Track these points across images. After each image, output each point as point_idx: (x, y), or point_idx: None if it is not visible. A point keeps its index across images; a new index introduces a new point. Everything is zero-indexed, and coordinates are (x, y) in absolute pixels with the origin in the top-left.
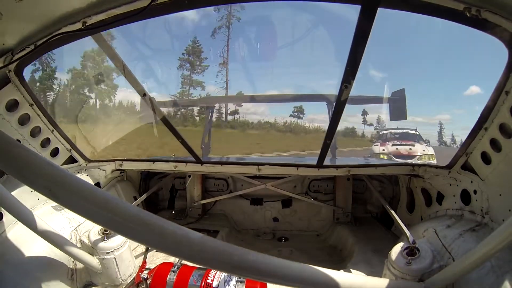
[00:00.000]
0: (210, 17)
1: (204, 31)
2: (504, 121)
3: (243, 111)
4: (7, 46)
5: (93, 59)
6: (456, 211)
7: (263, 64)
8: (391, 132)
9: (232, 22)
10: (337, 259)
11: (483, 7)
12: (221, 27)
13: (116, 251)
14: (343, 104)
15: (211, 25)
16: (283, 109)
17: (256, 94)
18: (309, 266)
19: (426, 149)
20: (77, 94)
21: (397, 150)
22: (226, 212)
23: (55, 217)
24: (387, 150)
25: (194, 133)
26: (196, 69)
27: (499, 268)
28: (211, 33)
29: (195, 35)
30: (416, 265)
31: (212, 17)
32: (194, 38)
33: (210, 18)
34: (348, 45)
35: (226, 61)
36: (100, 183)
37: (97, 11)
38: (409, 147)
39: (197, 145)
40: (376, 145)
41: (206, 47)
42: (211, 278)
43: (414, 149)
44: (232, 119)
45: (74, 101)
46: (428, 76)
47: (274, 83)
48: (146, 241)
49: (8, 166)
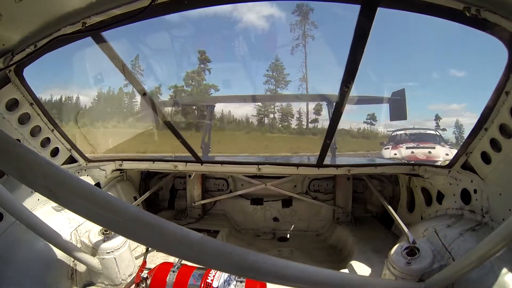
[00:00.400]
0: (287, 36)
1: (284, 50)
2: (504, 121)
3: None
4: (7, 46)
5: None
6: (456, 211)
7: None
8: (405, 132)
9: (307, 41)
10: (337, 259)
11: (482, 6)
12: (298, 45)
13: (116, 251)
14: (343, 104)
15: (288, 43)
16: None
17: (257, 94)
18: (309, 266)
19: (450, 152)
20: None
21: (412, 154)
22: (226, 212)
23: (55, 217)
24: (400, 155)
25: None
26: (280, 84)
27: (499, 268)
28: (290, 51)
29: (277, 53)
30: (416, 265)
31: (289, 36)
32: (276, 56)
33: (287, 36)
34: (348, 45)
35: (306, 76)
36: (100, 183)
37: (97, 11)
38: (428, 150)
39: (197, 144)
40: (387, 148)
41: (286, 63)
42: (211, 278)
43: (435, 152)
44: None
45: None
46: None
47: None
48: (146, 241)
49: (8, 166)
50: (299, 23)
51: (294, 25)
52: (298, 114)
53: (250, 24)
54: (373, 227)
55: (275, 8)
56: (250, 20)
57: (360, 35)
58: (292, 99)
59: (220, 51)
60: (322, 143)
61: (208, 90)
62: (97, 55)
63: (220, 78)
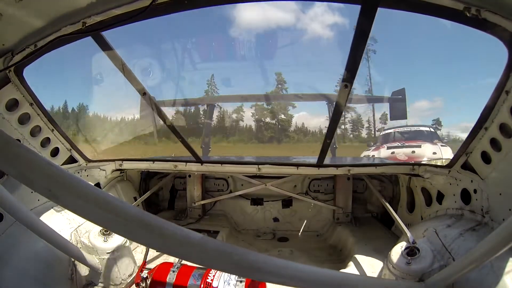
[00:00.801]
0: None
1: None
2: (504, 121)
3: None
4: (7, 46)
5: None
6: (456, 211)
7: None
8: (397, 131)
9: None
10: (337, 259)
11: (483, 6)
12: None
13: (116, 251)
14: (343, 103)
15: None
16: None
17: (256, 94)
18: (309, 266)
19: (438, 151)
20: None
21: (392, 154)
22: (226, 212)
23: (55, 217)
24: (379, 156)
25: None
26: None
27: (499, 268)
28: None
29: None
30: (416, 265)
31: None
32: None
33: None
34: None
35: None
36: (100, 183)
37: (97, 11)
38: (412, 150)
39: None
40: (368, 149)
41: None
42: (211, 277)
43: (419, 151)
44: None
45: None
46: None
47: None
48: (146, 241)
49: (8, 166)
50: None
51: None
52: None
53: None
54: (373, 227)
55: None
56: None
57: (360, 35)
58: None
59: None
60: (322, 143)
61: (287, 107)
62: (97, 55)
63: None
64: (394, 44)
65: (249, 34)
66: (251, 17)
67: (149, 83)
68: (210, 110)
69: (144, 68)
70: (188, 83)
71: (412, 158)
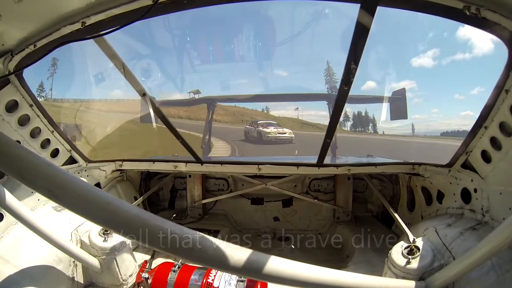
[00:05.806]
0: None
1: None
2: (504, 119)
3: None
4: (6, 46)
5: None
6: (456, 210)
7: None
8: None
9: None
10: (338, 258)
11: (482, 5)
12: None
13: (117, 251)
14: (343, 103)
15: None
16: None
17: (256, 94)
18: (309, 266)
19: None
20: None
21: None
22: (227, 211)
23: (56, 217)
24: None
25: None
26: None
27: (499, 267)
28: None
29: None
30: (417, 264)
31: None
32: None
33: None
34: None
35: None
36: (100, 183)
37: (97, 11)
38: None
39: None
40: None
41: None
42: (212, 277)
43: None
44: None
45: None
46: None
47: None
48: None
49: (8, 167)
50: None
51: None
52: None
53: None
54: (373, 227)
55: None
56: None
57: (360, 34)
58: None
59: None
60: (322, 142)
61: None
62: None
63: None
64: (394, 44)
65: (249, 34)
66: (251, 17)
67: (149, 83)
68: (210, 110)
69: (144, 69)
70: (188, 83)
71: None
